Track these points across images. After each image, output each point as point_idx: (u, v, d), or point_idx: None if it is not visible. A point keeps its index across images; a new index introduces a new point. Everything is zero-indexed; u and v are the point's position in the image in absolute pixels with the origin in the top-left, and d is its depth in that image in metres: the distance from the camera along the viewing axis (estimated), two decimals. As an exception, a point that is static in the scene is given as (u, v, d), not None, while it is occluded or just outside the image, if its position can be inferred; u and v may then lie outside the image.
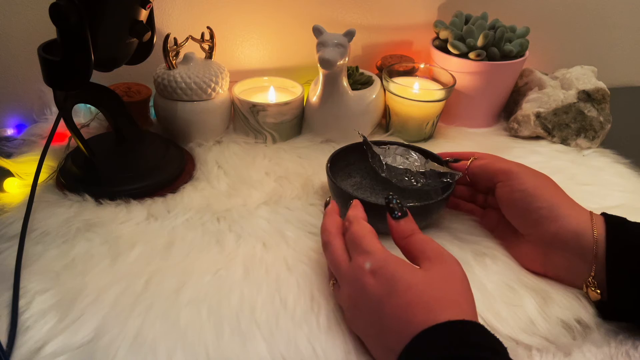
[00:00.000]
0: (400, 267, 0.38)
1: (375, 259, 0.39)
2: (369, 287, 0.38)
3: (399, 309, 0.36)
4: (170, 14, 0.73)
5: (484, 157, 0.53)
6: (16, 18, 0.67)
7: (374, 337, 0.38)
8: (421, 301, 0.35)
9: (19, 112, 0.72)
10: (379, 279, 0.38)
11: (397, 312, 0.36)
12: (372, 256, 0.39)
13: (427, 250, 0.40)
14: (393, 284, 0.37)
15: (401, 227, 0.42)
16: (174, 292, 0.45)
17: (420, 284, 0.36)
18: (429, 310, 0.35)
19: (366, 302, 0.38)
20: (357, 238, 0.41)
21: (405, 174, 0.55)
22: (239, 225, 0.54)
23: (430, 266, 0.38)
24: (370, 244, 0.40)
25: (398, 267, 0.38)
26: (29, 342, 0.40)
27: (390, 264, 0.38)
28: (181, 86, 0.63)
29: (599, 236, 0.43)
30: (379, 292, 0.37)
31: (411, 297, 0.36)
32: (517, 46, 0.71)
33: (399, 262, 0.38)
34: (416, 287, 0.36)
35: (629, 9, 0.89)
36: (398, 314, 0.36)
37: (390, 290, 0.37)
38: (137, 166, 0.59)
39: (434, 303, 0.35)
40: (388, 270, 0.38)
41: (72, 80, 0.50)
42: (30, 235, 0.50)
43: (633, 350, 0.42)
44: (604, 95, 0.72)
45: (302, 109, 0.70)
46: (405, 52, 0.82)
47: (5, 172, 0.59)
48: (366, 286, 0.38)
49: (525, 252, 0.49)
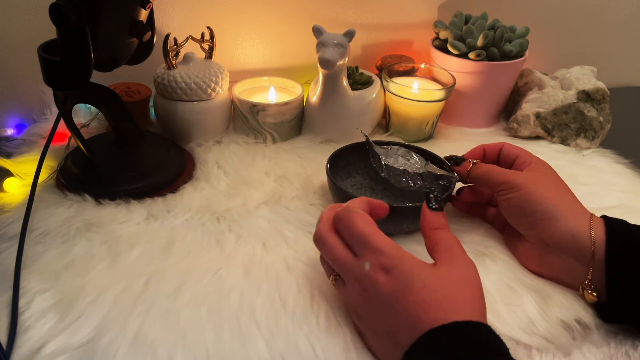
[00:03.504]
0: (416, 266, 0.38)
1: (387, 257, 0.38)
2: (382, 284, 0.38)
3: (413, 305, 0.36)
4: (170, 14, 0.73)
5: (481, 165, 0.52)
6: (16, 18, 0.67)
7: (382, 334, 0.38)
8: (435, 300, 0.36)
9: (19, 112, 0.72)
10: (393, 277, 0.37)
11: (410, 309, 0.36)
12: (384, 254, 0.38)
13: (450, 249, 0.40)
14: (409, 282, 0.37)
15: (433, 218, 0.42)
16: (174, 292, 0.45)
17: (435, 284, 0.37)
18: (442, 309, 0.35)
19: (377, 299, 0.38)
20: (363, 235, 0.39)
21: (403, 175, 0.55)
22: (238, 225, 0.54)
23: (448, 266, 0.39)
24: (379, 240, 0.39)
25: (414, 266, 0.38)
26: (29, 342, 0.40)
27: (406, 262, 0.38)
28: (181, 86, 0.63)
29: (597, 238, 0.43)
30: (392, 290, 0.37)
31: (425, 295, 0.36)
32: (517, 46, 0.71)
33: (414, 260, 0.38)
34: (431, 286, 0.36)
35: (629, 9, 0.89)
36: (411, 310, 0.36)
37: (405, 287, 0.37)
38: (137, 166, 0.59)
39: (448, 303, 0.36)
40: (404, 269, 0.37)
41: (72, 80, 0.50)
42: (30, 235, 0.50)
43: (633, 350, 0.42)
44: (603, 95, 0.72)
45: (302, 109, 0.70)
46: (405, 52, 0.82)
47: (5, 172, 0.59)
48: (378, 283, 0.38)
49: (524, 252, 0.49)
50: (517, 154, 0.52)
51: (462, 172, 0.53)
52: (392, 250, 0.38)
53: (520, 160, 0.52)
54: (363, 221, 0.40)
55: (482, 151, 0.55)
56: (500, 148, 0.54)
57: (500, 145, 0.54)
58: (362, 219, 0.41)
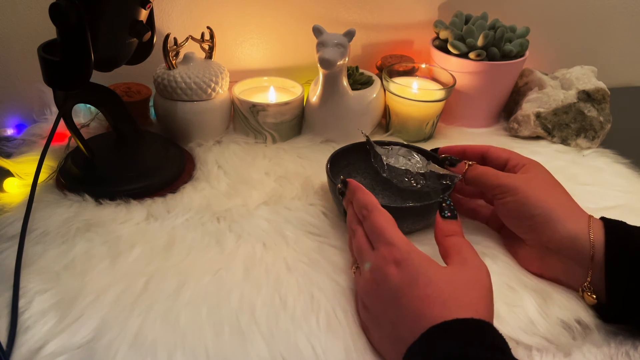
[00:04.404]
0: (425, 262, 0.39)
1: (399, 251, 0.39)
2: (391, 276, 0.39)
3: (417, 300, 0.36)
4: (170, 14, 0.73)
5: (477, 167, 0.51)
6: (16, 18, 0.67)
7: (385, 327, 0.39)
8: (439, 297, 0.36)
9: (19, 112, 0.72)
10: (402, 270, 0.38)
11: (414, 304, 0.36)
12: (397, 248, 0.40)
13: (463, 252, 0.41)
14: (416, 276, 0.38)
15: (446, 226, 0.43)
16: (174, 292, 0.45)
17: (441, 282, 0.37)
18: (445, 307, 0.36)
19: (385, 290, 0.39)
20: (380, 228, 0.41)
21: (406, 175, 0.55)
22: (239, 225, 0.54)
23: (459, 267, 0.39)
24: (393, 235, 0.41)
25: (422, 262, 0.39)
26: (29, 342, 0.40)
27: (415, 257, 0.39)
28: (181, 86, 0.63)
29: (596, 240, 0.43)
30: (399, 282, 0.38)
31: (430, 291, 0.37)
32: (517, 46, 0.71)
33: (422, 257, 0.39)
34: (437, 284, 0.37)
35: (629, 9, 0.89)
36: (415, 305, 0.36)
37: (411, 281, 0.37)
38: (137, 166, 0.59)
39: (452, 301, 0.36)
40: (412, 263, 0.38)
41: (72, 80, 0.50)
42: (30, 235, 0.50)
43: (633, 350, 0.42)
44: (604, 95, 0.72)
45: (302, 109, 0.70)
46: (405, 52, 0.82)
47: (5, 172, 0.59)
48: (388, 275, 0.39)
49: (524, 254, 0.49)
50: (507, 157, 0.52)
51: (458, 173, 0.52)
52: (405, 245, 0.40)
53: (512, 163, 0.51)
54: (383, 217, 0.43)
55: (461, 151, 0.55)
56: (484, 151, 0.53)
57: (485, 149, 0.53)
58: (383, 215, 0.43)
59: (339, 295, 0.45)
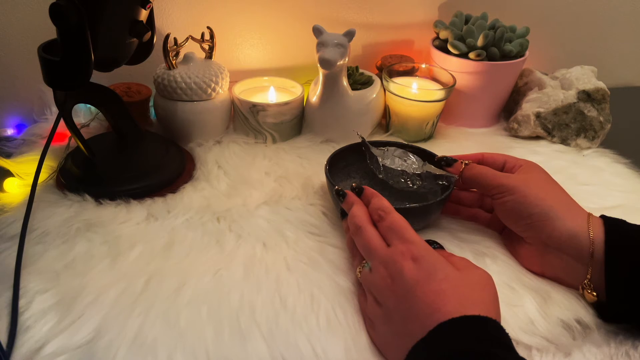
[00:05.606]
0: (442, 260, 0.40)
1: (417, 248, 0.40)
2: (407, 270, 0.39)
3: (432, 294, 0.37)
4: (170, 14, 0.73)
5: (474, 166, 0.51)
6: (16, 18, 0.67)
7: (396, 322, 0.39)
8: (455, 293, 0.37)
9: (19, 112, 0.72)
10: (419, 265, 0.39)
11: (430, 297, 0.37)
12: (415, 245, 0.41)
13: (465, 261, 0.42)
14: (433, 272, 0.38)
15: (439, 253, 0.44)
16: (174, 292, 0.45)
17: (456, 279, 0.38)
18: (460, 303, 0.36)
19: (400, 284, 0.39)
20: (399, 227, 0.43)
21: (402, 176, 0.55)
22: (239, 225, 0.54)
23: (468, 271, 0.40)
24: (412, 234, 0.42)
25: (439, 259, 0.40)
26: (29, 342, 0.40)
27: (432, 255, 0.40)
28: (181, 86, 0.63)
29: (595, 238, 0.43)
30: (416, 276, 0.39)
31: (446, 287, 0.37)
32: (517, 46, 0.71)
33: (440, 256, 0.40)
34: (453, 281, 0.38)
35: (629, 9, 0.89)
36: (430, 298, 0.37)
37: (428, 275, 0.38)
38: (137, 166, 0.59)
39: (466, 298, 0.37)
40: (430, 259, 0.39)
41: (72, 80, 0.50)
42: (30, 235, 0.50)
43: (633, 350, 0.42)
44: (604, 95, 0.72)
45: (302, 109, 0.70)
46: (405, 52, 0.82)
47: (5, 172, 0.59)
48: (404, 269, 0.39)
49: (524, 253, 0.49)
50: (504, 160, 0.52)
51: (455, 173, 0.52)
52: (423, 244, 0.41)
53: (509, 165, 0.51)
54: (401, 218, 0.44)
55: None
56: (479, 159, 0.53)
57: (479, 156, 0.54)
58: (401, 216, 0.44)
59: (339, 295, 0.45)
